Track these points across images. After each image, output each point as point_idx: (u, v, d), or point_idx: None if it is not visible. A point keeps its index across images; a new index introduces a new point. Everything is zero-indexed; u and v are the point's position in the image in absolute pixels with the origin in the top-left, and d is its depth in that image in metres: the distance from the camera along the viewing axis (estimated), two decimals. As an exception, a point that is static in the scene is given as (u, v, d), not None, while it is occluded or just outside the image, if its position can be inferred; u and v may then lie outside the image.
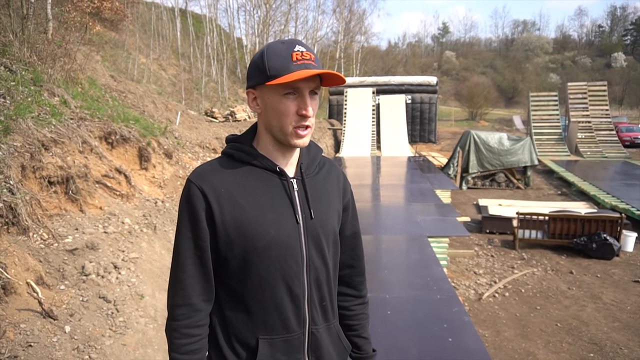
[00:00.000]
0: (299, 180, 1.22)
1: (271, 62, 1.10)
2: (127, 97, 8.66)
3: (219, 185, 1.14)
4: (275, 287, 1.15)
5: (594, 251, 6.65)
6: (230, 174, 1.17)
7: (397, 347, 3.36)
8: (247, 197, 1.14)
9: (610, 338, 4.37)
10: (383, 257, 5.60)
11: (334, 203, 1.28)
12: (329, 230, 1.24)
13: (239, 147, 1.21)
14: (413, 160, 15.67)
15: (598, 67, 55.99)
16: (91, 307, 3.19)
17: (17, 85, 4.74)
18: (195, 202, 1.13)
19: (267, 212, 1.15)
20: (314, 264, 1.20)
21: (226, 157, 1.22)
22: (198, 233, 1.14)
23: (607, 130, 19.94)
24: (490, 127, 35.49)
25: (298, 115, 1.13)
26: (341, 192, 1.33)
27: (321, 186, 1.26)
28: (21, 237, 3.29)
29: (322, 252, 1.22)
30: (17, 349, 2.51)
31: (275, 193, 1.17)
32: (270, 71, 1.10)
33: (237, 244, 1.13)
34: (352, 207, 1.38)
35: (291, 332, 1.18)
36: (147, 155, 5.93)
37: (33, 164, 3.83)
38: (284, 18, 32.92)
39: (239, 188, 1.15)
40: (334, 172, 1.33)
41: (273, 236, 1.14)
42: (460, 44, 76.32)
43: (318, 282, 1.21)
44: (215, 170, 1.17)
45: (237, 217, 1.13)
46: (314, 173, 1.26)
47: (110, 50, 18.61)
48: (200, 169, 1.19)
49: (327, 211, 1.24)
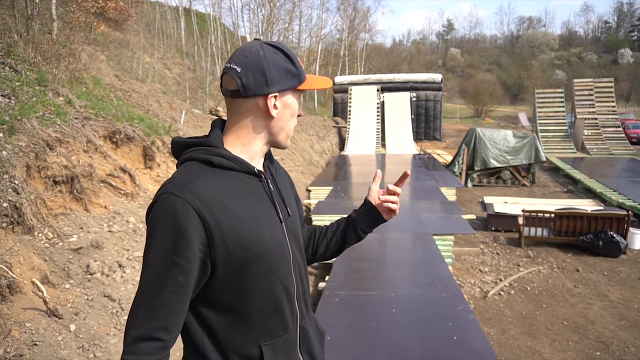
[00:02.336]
0: (271, 179, 1.22)
1: (297, 63, 1.14)
2: (132, 97, 8.68)
3: (208, 195, 1.02)
4: (275, 290, 1.13)
5: (601, 249, 6.60)
6: (215, 181, 1.07)
7: (402, 346, 3.35)
8: (238, 204, 1.08)
9: (617, 336, 4.33)
10: (388, 255, 5.59)
11: (294, 196, 1.33)
12: (300, 225, 1.30)
13: (217, 151, 1.11)
14: (418, 157, 15.63)
15: (604, 64, 55.56)
16: (96, 306, 3.21)
17: (22, 85, 4.77)
18: (185, 219, 0.98)
19: (258, 216, 1.11)
20: (297, 260, 1.21)
21: (201, 163, 1.09)
22: (187, 256, 0.98)
23: (613, 127, 19.79)
24: (495, 124, 35.32)
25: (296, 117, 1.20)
26: (292, 183, 1.37)
27: (282, 182, 1.28)
28: (26, 237, 3.31)
29: (300, 246, 1.26)
30: (22, 348, 2.52)
31: (259, 195, 1.15)
32: (302, 76, 1.14)
33: (235, 255, 1.05)
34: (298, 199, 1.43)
35: (289, 332, 1.17)
36: (151, 154, 5.94)
37: (38, 163, 3.85)
38: (288, 16, 32.91)
39: (228, 195, 1.07)
40: (279, 167, 1.35)
41: (268, 240, 1.11)
42: (465, 41, 75.97)
43: (301, 276, 1.23)
44: (198, 180, 1.04)
45: (234, 227, 1.04)
46: (274, 172, 1.27)
47: (115, 50, 18.67)
48: (180, 179, 1.04)
49: (295, 206, 1.29)
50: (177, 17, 29.41)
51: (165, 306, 0.99)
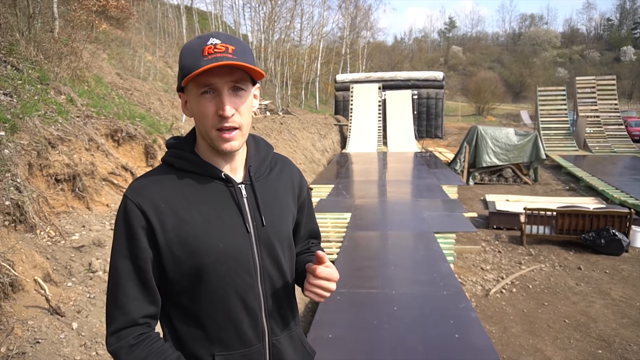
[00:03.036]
0: (247, 185, 1.12)
1: (184, 59, 1.01)
2: (133, 95, 8.69)
3: (158, 200, 1.03)
4: (229, 301, 1.07)
5: (603, 247, 6.59)
6: (171, 185, 1.06)
7: (404, 344, 3.35)
8: (191, 210, 1.05)
9: (619, 334, 4.33)
10: (389, 253, 5.59)
11: (288, 205, 1.20)
12: (283, 236, 1.16)
13: (179, 154, 1.10)
14: (419, 155, 15.61)
15: (607, 61, 55.37)
16: (98, 304, 3.21)
17: (24, 83, 4.77)
18: (133, 220, 1.02)
19: (213, 224, 1.06)
20: (268, 274, 1.12)
21: (166, 165, 1.11)
22: (137, 253, 1.03)
23: (616, 125, 19.74)
24: (497, 122, 35.26)
25: (218, 116, 1.01)
26: (296, 191, 1.24)
27: (273, 188, 1.17)
28: (28, 235, 3.31)
29: (277, 260, 1.14)
30: (25, 346, 2.53)
31: (222, 202, 1.08)
32: (183, 70, 1.01)
33: (184, 261, 1.03)
34: (307, 206, 1.30)
35: (249, 346, 1.10)
36: (153, 152, 5.95)
37: (40, 161, 3.86)
38: (289, 14, 32.80)
39: (181, 201, 1.05)
40: (286, 170, 1.24)
41: (222, 249, 1.05)
42: (467, 38, 75.82)
43: (274, 291, 1.14)
44: (154, 183, 1.06)
45: (181, 233, 1.03)
46: (265, 175, 1.17)
47: (117, 48, 18.67)
48: (137, 182, 1.08)
49: (279, 215, 1.16)
50: (178, 15, 29.41)
51: (133, 299, 1.03)
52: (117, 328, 1.02)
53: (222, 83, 1.01)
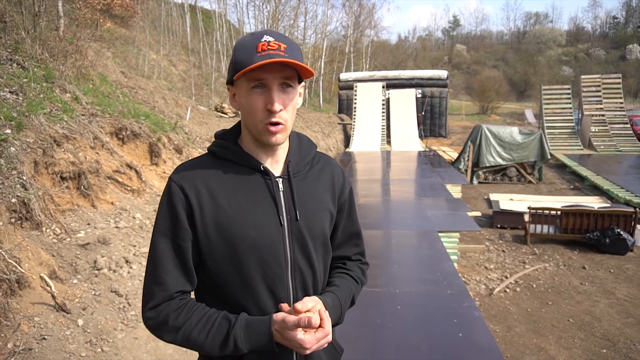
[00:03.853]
0: (285, 179, 1.16)
1: (237, 54, 1.06)
2: (138, 93, 8.71)
3: (200, 185, 1.09)
4: (258, 291, 1.10)
5: (607, 246, 6.56)
6: (213, 173, 1.12)
7: (407, 342, 3.35)
8: (229, 198, 1.09)
9: (623, 334, 4.31)
10: (393, 252, 5.58)
11: (326, 204, 1.21)
12: (316, 233, 1.17)
13: (223, 144, 1.16)
14: (423, 154, 15.59)
15: (612, 60, 55.02)
16: (103, 301, 3.23)
17: (30, 82, 4.80)
18: (177, 201, 1.08)
19: (248, 213, 1.10)
20: (299, 268, 1.14)
21: (210, 154, 1.17)
22: (178, 233, 1.08)
23: (621, 124, 19.62)
24: (501, 121, 35.12)
25: (267, 111, 1.06)
26: (337, 192, 1.26)
27: (311, 186, 1.20)
28: (34, 232, 3.34)
29: (308, 255, 1.16)
30: (31, 342, 2.55)
31: (258, 193, 1.12)
32: (236, 64, 1.05)
33: (218, 247, 1.08)
34: (348, 207, 1.31)
35: None
36: (157, 150, 5.97)
37: (45, 159, 3.88)
38: (293, 13, 32.79)
39: (221, 188, 1.10)
40: (327, 170, 1.26)
41: (254, 239, 1.09)
42: (471, 37, 75.52)
43: (304, 286, 1.16)
44: (197, 169, 1.13)
45: (217, 219, 1.08)
46: (304, 171, 1.20)
47: (121, 47, 18.73)
48: (182, 167, 1.14)
49: (315, 212, 1.18)
50: (182, 13, 29.45)
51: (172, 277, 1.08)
52: (156, 303, 1.08)
53: (273, 79, 1.05)
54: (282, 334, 1.04)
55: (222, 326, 1.06)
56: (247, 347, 1.05)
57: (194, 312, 1.08)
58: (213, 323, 1.06)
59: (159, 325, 1.07)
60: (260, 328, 1.05)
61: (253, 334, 1.05)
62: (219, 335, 1.05)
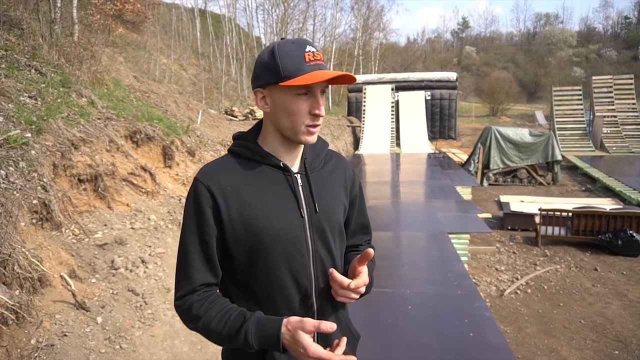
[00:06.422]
0: (303, 175, 1.25)
1: (284, 62, 1.11)
2: (150, 97, 8.85)
3: (225, 183, 1.17)
4: (283, 279, 1.18)
5: (620, 248, 6.52)
6: (236, 171, 1.20)
7: (419, 342, 3.39)
8: (253, 194, 1.17)
9: (636, 336, 4.30)
10: (403, 253, 5.61)
11: (340, 197, 1.31)
12: (334, 223, 1.27)
13: (244, 144, 1.24)
14: (433, 157, 15.56)
15: (624, 60, 54.34)
16: (121, 300, 3.32)
17: (47, 87, 4.92)
18: (202, 200, 1.16)
19: (272, 207, 1.18)
20: (320, 256, 1.23)
21: (232, 154, 1.26)
22: (204, 230, 1.16)
23: (633, 125, 19.43)
24: (511, 122, 34.89)
25: (311, 115, 1.15)
26: (348, 185, 1.35)
27: (326, 180, 1.29)
28: (55, 233, 3.43)
29: (328, 244, 1.25)
30: (53, 338, 2.63)
31: (280, 189, 1.20)
32: (284, 72, 1.11)
33: (244, 239, 1.16)
34: (359, 201, 1.40)
35: None
36: (170, 153, 6.07)
37: (64, 162, 3.98)
38: (302, 16, 33.01)
39: (245, 185, 1.18)
40: (340, 166, 1.36)
41: (278, 230, 1.16)
42: (481, 38, 75.09)
43: (325, 274, 1.24)
44: (221, 169, 1.21)
45: (243, 213, 1.16)
46: (319, 167, 1.29)
47: (133, 52, 18.98)
48: (207, 167, 1.22)
49: (331, 204, 1.27)
50: (192, 18, 29.75)
51: (197, 270, 1.18)
52: (183, 294, 1.18)
53: (318, 88, 1.15)
54: (294, 334, 1.08)
55: (237, 319, 1.14)
56: (256, 342, 1.12)
57: (215, 304, 1.17)
58: (230, 316, 1.14)
59: (184, 312, 1.18)
60: (269, 327, 1.12)
61: (262, 332, 1.12)
62: (233, 327, 1.13)
